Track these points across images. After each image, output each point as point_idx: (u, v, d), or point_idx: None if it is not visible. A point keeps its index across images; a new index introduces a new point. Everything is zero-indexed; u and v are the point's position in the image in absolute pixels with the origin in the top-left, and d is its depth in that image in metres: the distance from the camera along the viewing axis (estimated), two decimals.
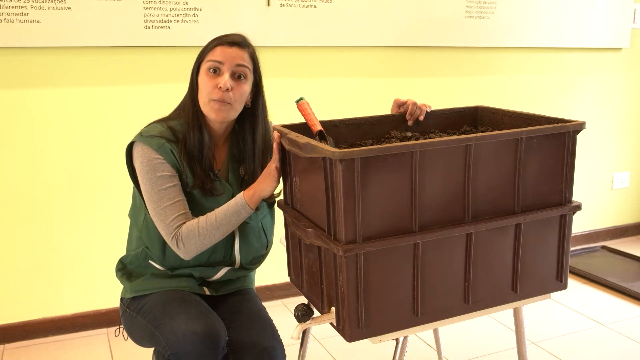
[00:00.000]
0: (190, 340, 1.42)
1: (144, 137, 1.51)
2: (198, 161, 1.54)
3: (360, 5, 2.64)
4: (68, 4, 2.20)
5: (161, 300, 1.54)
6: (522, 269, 1.37)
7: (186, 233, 1.47)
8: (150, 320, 1.52)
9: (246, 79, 1.53)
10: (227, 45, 1.51)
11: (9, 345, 2.36)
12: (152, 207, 1.49)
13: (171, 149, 1.51)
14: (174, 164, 1.51)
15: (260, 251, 1.68)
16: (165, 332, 1.46)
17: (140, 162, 1.50)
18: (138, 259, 1.63)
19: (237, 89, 1.51)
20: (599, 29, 3.22)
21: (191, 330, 1.43)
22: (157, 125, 1.55)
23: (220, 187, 1.58)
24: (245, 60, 1.52)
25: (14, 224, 2.32)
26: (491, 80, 3.05)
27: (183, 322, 1.45)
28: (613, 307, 2.69)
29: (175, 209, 1.48)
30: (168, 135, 1.53)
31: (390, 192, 1.19)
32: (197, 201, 1.55)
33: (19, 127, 2.26)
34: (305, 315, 1.32)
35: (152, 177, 1.48)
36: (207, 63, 1.51)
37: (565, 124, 1.36)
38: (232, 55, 1.50)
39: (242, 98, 1.53)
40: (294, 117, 1.54)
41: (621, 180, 3.53)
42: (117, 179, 2.40)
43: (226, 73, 1.49)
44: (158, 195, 1.48)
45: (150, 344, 1.56)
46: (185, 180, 1.53)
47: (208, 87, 1.50)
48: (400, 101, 1.64)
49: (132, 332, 1.63)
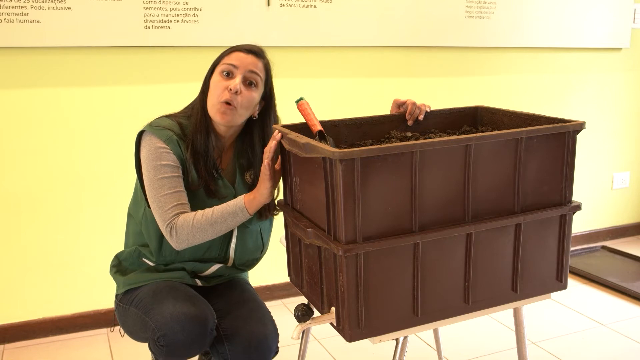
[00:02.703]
0: (178, 320, 1.44)
1: (153, 128, 1.54)
2: (203, 161, 1.55)
3: (360, 5, 2.64)
4: (68, 4, 2.20)
5: (151, 290, 1.57)
6: (522, 269, 1.38)
7: (181, 222, 1.48)
8: (141, 309, 1.55)
9: (257, 88, 1.55)
10: (244, 52, 1.55)
11: (9, 345, 2.36)
12: (152, 195, 1.51)
13: (178, 141, 1.53)
14: (180, 157, 1.53)
15: (255, 254, 1.71)
16: (154, 315, 1.49)
17: (147, 151, 1.52)
18: (132, 256, 1.66)
19: (246, 94, 1.53)
20: (599, 29, 3.22)
21: (179, 311, 1.45)
22: (167, 119, 1.58)
23: (224, 189, 1.59)
24: (258, 69, 1.55)
25: (14, 224, 2.32)
26: (491, 80, 3.05)
27: (171, 305, 1.47)
28: (613, 307, 2.69)
29: (174, 197, 1.50)
30: (177, 129, 1.56)
31: (390, 192, 1.19)
32: (201, 201, 1.56)
33: (18, 127, 2.26)
34: (305, 315, 1.33)
35: (155, 164, 1.50)
36: (222, 66, 1.54)
37: (565, 124, 1.36)
38: (247, 62, 1.54)
39: (249, 104, 1.55)
40: (294, 117, 1.54)
41: (621, 180, 3.53)
42: (117, 178, 2.40)
43: (238, 77, 1.52)
44: (159, 182, 1.50)
45: (143, 334, 1.58)
46: (190, 179, 1.54)
47: (218, 89, 1.53)
48: (400, 101, 1.64)
49: (126, 325, 1.65)
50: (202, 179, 1.55)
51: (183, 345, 1.45)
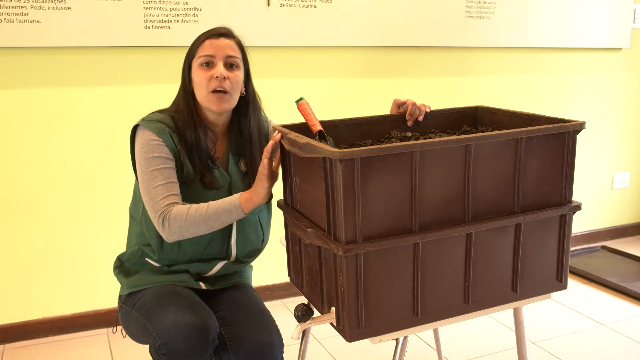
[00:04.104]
0: (179, 329, 1.43)
1: (146, 122, 1.54)
2: (197, 153, 1.55)
3: (360, 5, 2.64)
4: (68, 4, 2.20)
5: (154, 294, 1.56)
6: (522, 269, 1.38)
7: (174, 214, 1.47)
8: (143, 314, 1.54)
9: (239, 68, 1.57)
10: (214, 37, 1.56)
11: (9, 345, 2.36)
12: (144, 187, 1.50)
13: (171, 134, 1.53)
14: (172, 149, 1.53)
15: (257, 245, 1.69)
16: (156, 322, 1.47)
17: (140, 144, 1.52)
18: (135, 256, 1.65)
19: (233, 77, 1.54)
20: (599, 29, 3.22)
21: (180, 320, 1.44)
22: (159, 113, 1.59)
23: (221, 178, 1.59)
24: (234, 50, 1.57)
25: (14, 224, 2.32)
26: (491, 80, 3.05)
27: (173, 313, 1.46)
28: (613, 307, 2.69)
29: (166, 188, 1.49)
30: (169, 122, 1.56)
31: (390, 192, 1.19)
32: (196, 194, 1.56)
33: (18, 127, 2.26)
34: (305, 315, 1.32)
35: (148, 157, 1.50)
36: (199, 59, 1.55)
37: (565, 124, 1.36)
38: (222, 46, 1.55)
39: (239, 85, 1.57)
40: (294, 117, 1.54)
41: (621, 180, 3.53)
42: (117, 178, 2.40)
43: (219, 63, 1.54)
44: (151, 174, 1.49)
45: (144, 338, 1.57)
46: (185, 172, 1.54)
47: (204, 80, 1.53)
48: (400, 101, 1.64)
49: (128, 327, 1.65)
50: (197, 172, 1.55)
51: (184, 354, 1.43)
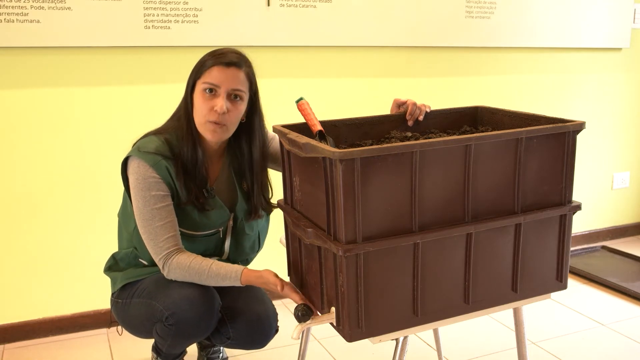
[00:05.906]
0: (186, 299, 1.49)
1: (141, 153, 1.51)
2: (192, 178, 1.55)
3: (360, 5, 2.64)
4: (68, 4, 2.20)
5: (154, 280, 1.60)
6: (522, 269, 1.38)
7: (176, 264, 1.50)
8: (145, 296, 1.58)
9: (242, 100, 1.53)
10: (224, 65, 1.49)
11: (9, 345, 2.36)
12: (143, 225, 1.51)
13: (167, 166, 1.51)
14: (169, 183, 1.52)
15: (251, 255, 1.76)
16: (161, 297, 1.53)
17: (135, 178, 1.51)
18: (128, 257, 1.68)
19: (233, 110, 1.51)
20: (599, 29, 3.22)
21: (186, 290, 1.50)
22: (154, 139, 1.55)
23: (213, 202, 1.59)
24: (241, 83, 1.51)
25: (14, 224, 2.32)
26: (491, 80, 3.05)
27: (178, 287, 1.52)
28: (613, 307, 2.69)
29: (166, 229, 1.50)
30: (164, 150, 1.53)
31: (390, 192, 1.19)
32: (188, 214, 1.57)
33: (18, 127, 2.26)
34: (305, 315, 1.33)
35: (145, 195, 1.49)
36: (204, 84, 1.50)
37: (565, 124, 1.36)
38: (229, 78, 1.49)
39: (238, 118, 1.55)
40: (293, 117, 1.54)
41: (621, 180, 3.53)
42: (117, 178, 2.39)
43: (222, 95, 1.49)
44: (150, 214, 1.49)
45: (148, 323, 1.58)
46: (179, 196, 1.54)
47: (204, 109, 1.50)
48: (400, 101, 1.64)
49: (127, 319, 1.66)
50: (192, 195, 1.55)
51: (192, 323, 1.48)
